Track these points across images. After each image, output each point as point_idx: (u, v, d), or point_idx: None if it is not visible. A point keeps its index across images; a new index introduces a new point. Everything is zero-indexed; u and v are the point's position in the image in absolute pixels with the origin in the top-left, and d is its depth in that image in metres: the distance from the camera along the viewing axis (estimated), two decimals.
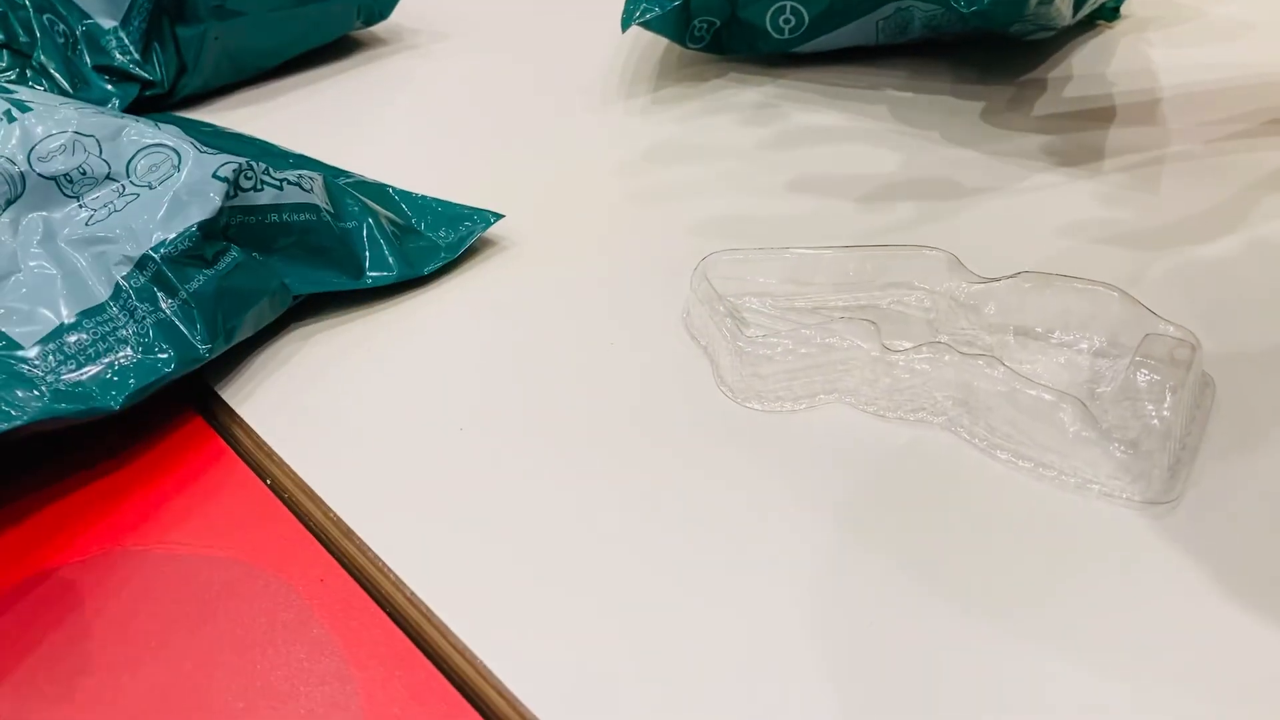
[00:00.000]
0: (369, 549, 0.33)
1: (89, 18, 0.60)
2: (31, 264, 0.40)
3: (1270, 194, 0.49)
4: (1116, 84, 0.61)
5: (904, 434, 0.37)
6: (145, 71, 0.60)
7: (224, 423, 0.39)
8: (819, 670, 0.29)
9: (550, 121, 0.61)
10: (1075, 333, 0.39)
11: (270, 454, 0.37)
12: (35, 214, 0.41)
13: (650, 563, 0.32)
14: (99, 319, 0.38)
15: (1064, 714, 0.27)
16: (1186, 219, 0.47)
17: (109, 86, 0.59)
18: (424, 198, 0.50)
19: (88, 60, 0.59)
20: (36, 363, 0.37)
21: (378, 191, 0.49)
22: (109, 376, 0.37)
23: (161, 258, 0.39)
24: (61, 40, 0.59)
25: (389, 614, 0.31)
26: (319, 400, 0.40)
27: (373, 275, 0.45)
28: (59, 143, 0.41)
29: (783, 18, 0.61)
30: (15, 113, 0.42)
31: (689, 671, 0.29)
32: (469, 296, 0.45)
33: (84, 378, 0.37)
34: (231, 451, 0.38)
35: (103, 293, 0.39)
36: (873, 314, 0.42)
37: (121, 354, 0.38)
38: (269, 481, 0.36)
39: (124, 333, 0.38)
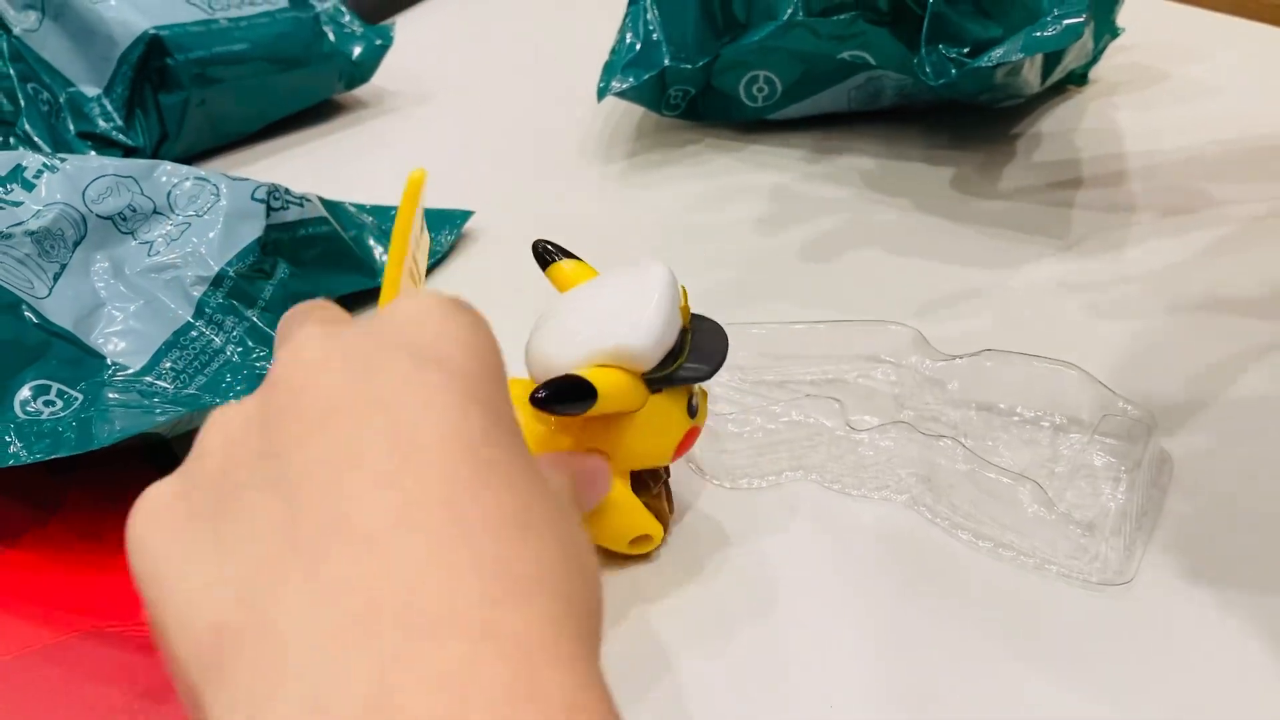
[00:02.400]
0: None
1: (72, 85, 0.61)
2: (114, 297, 0.43)
3: (1231, 263, 0.50)
4: (1085, 148, 0.63)
5: (868, 511, 0.37)
6: (128, 138, 0.61)
7: None
8: None
9: (527, 185, 0.62)
10: (1036, 410, 0.40)
11: None
12: (100, 252, 0.44)
13: (623, 636, 0.33)
14: (190, 335, 0.42)
15: None
16: (1148, 292, 0.48)
17: (92, 153, 0.60)
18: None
19: (71, 127, 0.60)
20: (151, 382, 0.40)
21: (358, 208, 0.54)
22: (222, 382, 0.41)
23: (235, 274, 0.44)
24: (45, 108, 0.60)
25: None
26: None
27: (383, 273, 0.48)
28: (105, 185, 0.44)
29: (755, 86, 0.63)
30: (56, 164, 0.44)
31: None
32: None
33: (199, 386, 0.40)
34: None
35: (186, 313, 0.43)
36: (840, 388, 0.42)
37: (222, 361, 0.42)
38: None
39: (216, 343, 0.42)
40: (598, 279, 0.34)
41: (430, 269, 0.53)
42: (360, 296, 0.50)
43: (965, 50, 0.56)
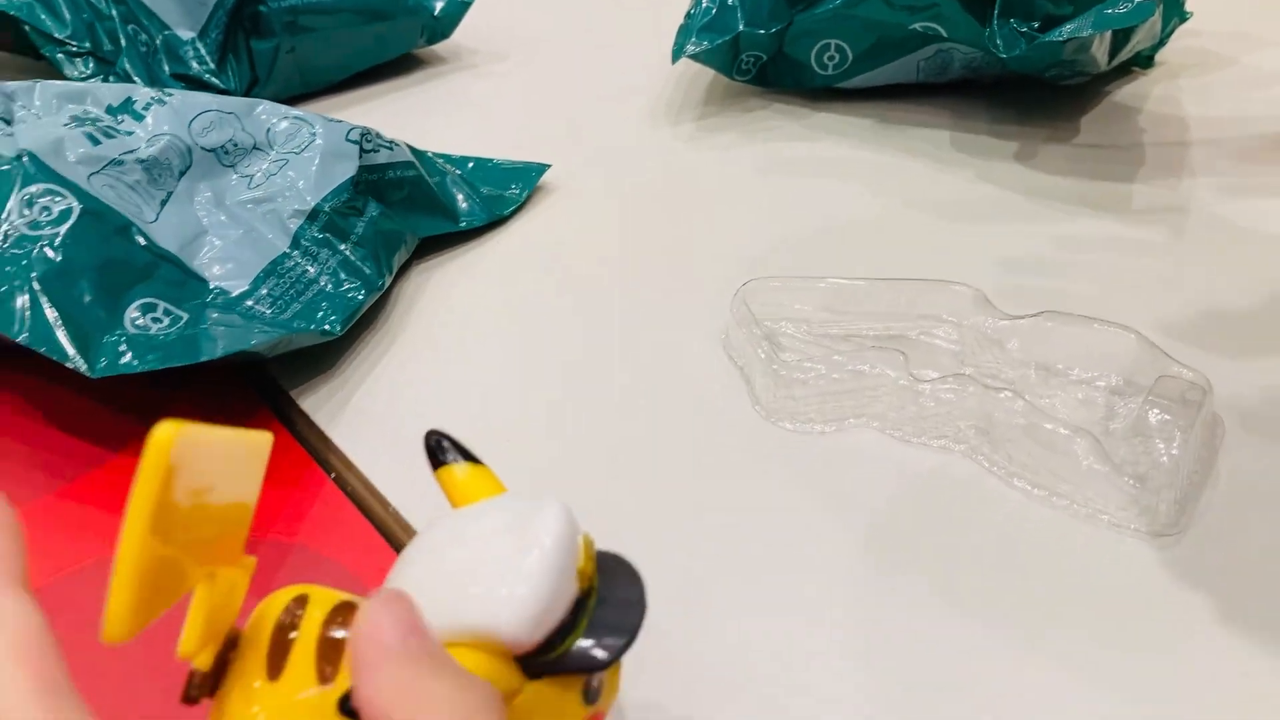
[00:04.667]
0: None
1: (168, 28, 0.63)
2: (216, 226, 0.45)
3: None
4: (1148, 130, 0.64)
5: (928, 459, 0.39)
6: (220, 81, 0.63)
7: (295, 422, 0.42)
8: (849, 680, 0.31)
9: (600, 142, 0.63)
10: (1093, 370, 0.42)
11: (334, 449, 0.40)
12: (203, 183, 0.46)
13: (689, 565, 0.35)
14: (287, 264, 0.44)
15: None
16: (1206, 264, 0.50)
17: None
18: (479, 158, 0.57)
19: (165, 68, 0.63)
20: (251, 305, 0.42)
21: (443, 158, 0.56)
22: (317, 309, 0.43)
23: (330, 209, 0.46)
24: (144, 49, 0.62)
25: None
26: (374, 403, 0.43)
27: (465, 218, 0.53)
28: (209, 120, 0.47)
29: (827, 54, 0.64)
30: (164, 97, 0.47)
31: (729, 679, 0.31)
32: (522, 306, 0.48)
33: (295, 312, 0.43)
34: (300, 448, 0.41)
35: (282, 243, 0.45)
36: (902, 344, 0.44)
37: (316, 290, 0.44)
38: (333, 475, 0.39)
39: (311, 273, 0.44)
40: (484, 506, 0.26)
41: (508, 217, 0.55)
42: (442, 239, 0.52)
43: (1036, 24, 0.57)
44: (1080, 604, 0.33)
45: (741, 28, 0.63)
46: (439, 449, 0.28)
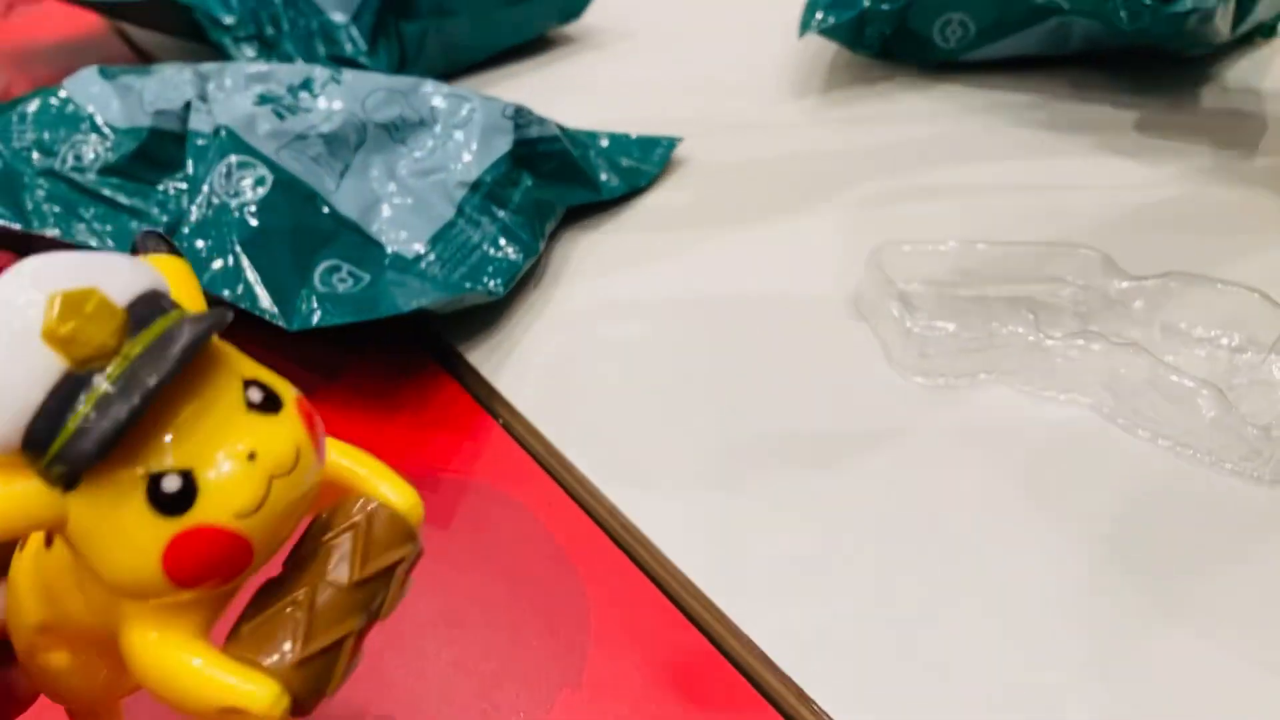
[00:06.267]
0: (588, 480, 0.39)
1: (323, 13, 0.67)
2: (389, 195, 0.49)
3: None
4: (1270, 99, 0.64)
5: (1056, 412, 0.42)
6: (371, 62, 0.67)
7: (464, 376, 0.46)
8: (990, 620, 0.34)
9: (726, 116, 0.66)
10: (1216, 330, 0.43)
11: (502, 400, 0.44)
12: (376, 156, 0.50)
13: (834, 514, 0.38)
14: (453, 231, 0.48)
15: (1191, 672, 0.32)
16: None
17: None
18: (613, 133, 0.60)
19: (321, 51, 0.67)
20: (423, 268, 0.46)
21: (582, 132, 0.59)
22: (482, 272, 0.47)
23: (490, 180, 0.50)
24: (302, 33, 0.67)
25: (606, 532, 0.37)
26: (534, 355, 0.46)
27: (607, 190, 0.56)
28: (380, 97, 0.51)
29: (950, 28, 0.66)
30: (338, 77, 0.51)
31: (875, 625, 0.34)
32: (663, 270, 0.51)
33: (462, 274, 0.47)
34: (469, 397, 0.44)
35: (448, 211, 0.49)
36: (1028, 305, 0.46)
37: (480, 254, 0.48)
38: (500, 421, 0.43)
39: (474, 239, 0.48)
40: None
41: (645, 188, 0.58)
42: (584, 208, 0.56)
43: None
44: (1206, 546, 0.36)
45: (867, 3, 0.65)
46: (143, 241, 0.21)
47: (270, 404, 0.18)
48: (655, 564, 0.36)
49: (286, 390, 0.19)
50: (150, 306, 0.18)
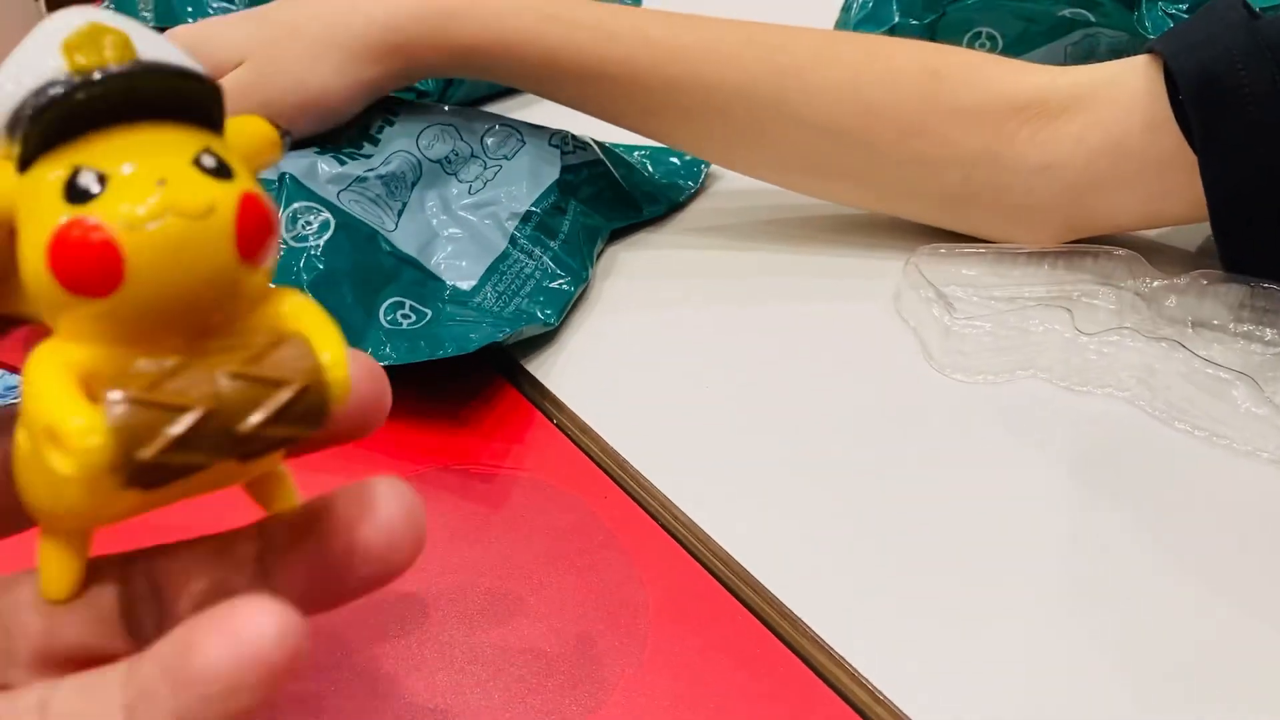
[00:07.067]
0: (640, 474, 0.41)
1: None
2: (445, 230, 0.51)
3: None
4: None
5: (1092, 406, 0.43)
6: (419, 84, 0.69)
7: (522, 382, 0.48)
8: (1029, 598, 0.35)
9: None
10: (1248, 325, 0.45)
11: (554, 399, 0.45)
12: (431, 191, 0.52)
13: (874, 507, 0.39)
14: (507, 262, 0.50)
15: (1214, 644, 0.33)
16: None
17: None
18: (650, 147, 0.61)
19: None
20: (480, 302, 0.48)
21: (621, 149, 0.60)
22: (535, 304, 0.48)
23: (540, 211, 0.51)
24: None
25: (661, 525, 0.39)
26: (587, 362, 0.48)
27: (649, 209, 0.57)
28: (433, 134, 0.53)
29: (978, 42, 0.67)
30: (391, 118, 0.53)
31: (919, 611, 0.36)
32: (705, 276, 0.53)
33: (517, 306, 0.48)
34: (528, 402, 0.46)
35: (501, 243, 0.50)
36: (1063, 304, 0.48)
37: (533, 285, 0.49)
38: (554, 421, 0.44)
39: (527, 269, 0.49)
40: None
41: (685, 203, 0.59)
42: (630, 228, 0.57)
43: (1185, 7, 0.60)
44: (1242, 532, 0.37)
45: (896, 19, 0.67)
46: None
47: (218, 172, 0.18)
48: (709, 554, 0.37)
49: (250, 184, 0.19)
50: (164, 69, 0.19)
